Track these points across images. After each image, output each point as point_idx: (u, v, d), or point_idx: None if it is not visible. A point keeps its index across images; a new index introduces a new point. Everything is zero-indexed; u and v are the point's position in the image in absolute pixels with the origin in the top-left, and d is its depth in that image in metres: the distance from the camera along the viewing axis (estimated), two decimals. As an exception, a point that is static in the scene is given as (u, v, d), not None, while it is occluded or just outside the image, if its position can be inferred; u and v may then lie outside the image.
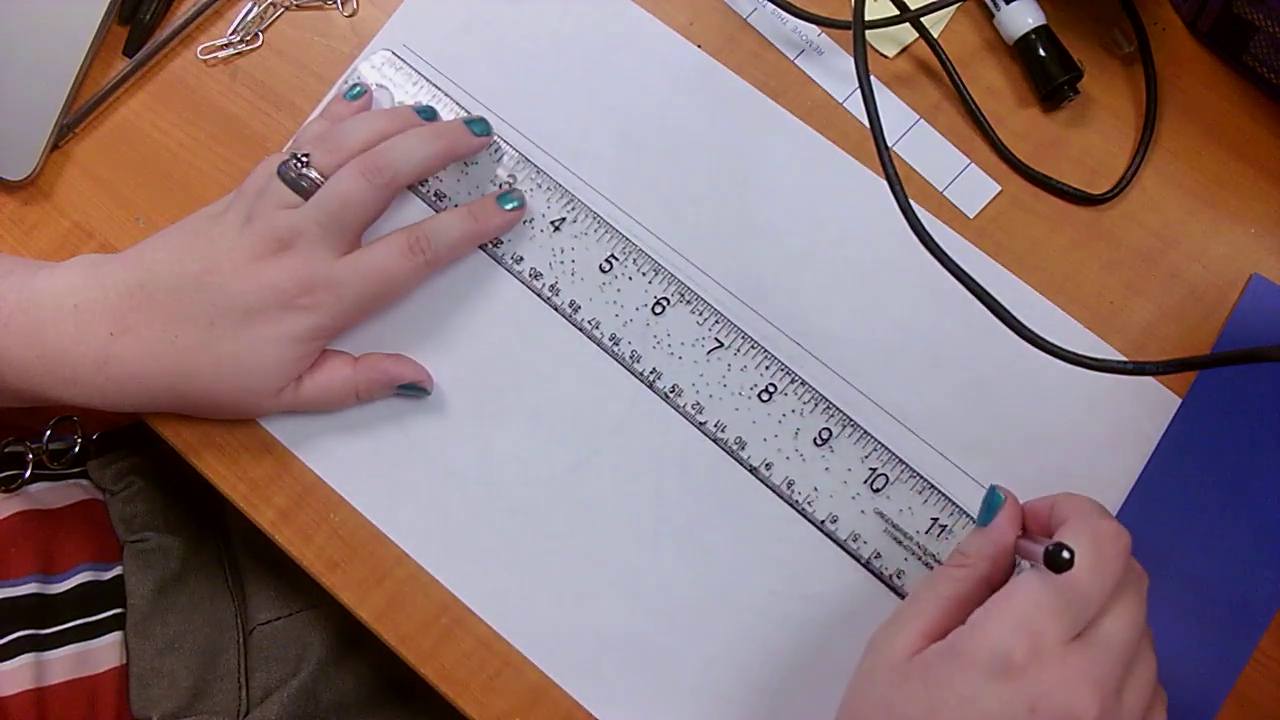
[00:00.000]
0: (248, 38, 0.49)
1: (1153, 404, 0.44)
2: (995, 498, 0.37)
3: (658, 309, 0.45)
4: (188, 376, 0.41)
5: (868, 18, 0.43)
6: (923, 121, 0.47)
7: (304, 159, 0.42)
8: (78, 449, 0.49)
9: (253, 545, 0.50)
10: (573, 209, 0.46)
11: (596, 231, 0.45)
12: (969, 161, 0.46)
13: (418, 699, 0.50)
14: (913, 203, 0.38)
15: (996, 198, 0.46)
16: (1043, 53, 0.46)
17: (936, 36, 0.47)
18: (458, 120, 0.45)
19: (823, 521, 0.43)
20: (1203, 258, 0.45)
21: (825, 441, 0.43)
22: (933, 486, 0.43)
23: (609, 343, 0.45)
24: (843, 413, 0.43)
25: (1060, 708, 0.32)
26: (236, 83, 0.49)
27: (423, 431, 0.44)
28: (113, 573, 0.46)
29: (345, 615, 0.43)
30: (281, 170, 0.41)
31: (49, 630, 0.43)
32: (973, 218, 0.46)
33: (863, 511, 0.43)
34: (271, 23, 0.49)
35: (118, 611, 0.45)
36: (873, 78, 0.41)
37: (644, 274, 0.45)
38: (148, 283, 0.40)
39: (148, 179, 0.48)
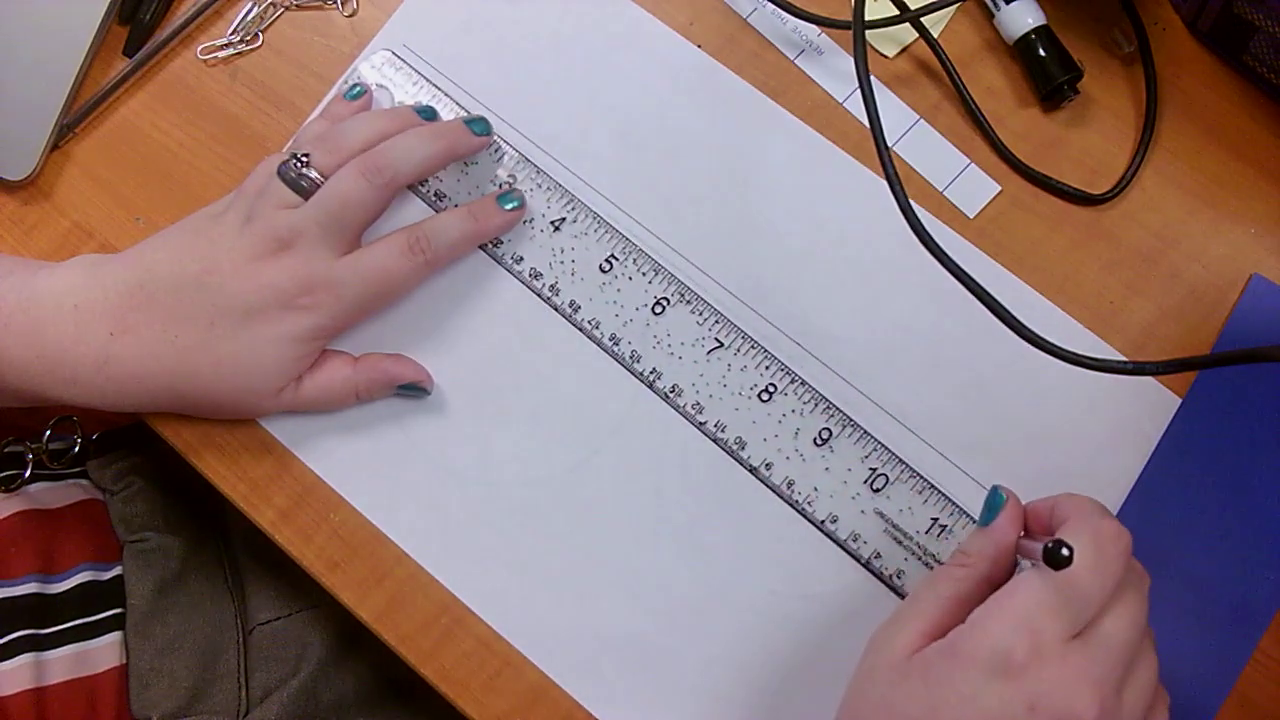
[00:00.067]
0: (248, 38, 0.49)
1: (1153, 404, 0.44)
2: (997, 498, 0.37)
3: (658, 309, 0.45)
4: (188, 376, 0.41)
5: (868, 18, 0.43)
6: (923, 121, 0.47)
7: (304, 159, 0.42)
8: (78, 449, 0.49)
9: (253, 545, 0.50)
10: (573, 209, 0.46)
11: (596, 231, 0.45)
12: (969, 161, 0.46)
13: (418, 699, 0.50)
14: (913, 203, 0.38)
15: (996, 198, 0.46)
16: (1043, 53, 0.46)
17: (936, 36, 0.47)
18: (458, 120, 0.45)
19: (823, 521, 0.43)
20: (1203, 258, 0.45)
21: (825, 441, 0.43)
22: (933, 486, 0.43)
23: (609, 343, 0.45)
24: (843, 413, 0.43)
25: (1060, 707, 0.32)
26: (236, 83, 0.49)
27: (423, 431, 0.44)
28: (112, 573, 0.46)
29: (345, 615, 0.43)
30: (281, 170, 0.41)
31: (49, 630, 0.43)
32: (973, 218, 0.46)
33: (863, 511, 0.43)
34: (271, 23, 0.49)
35: (117, 611, 0.45)
36: (873, 78, 0.41)
37: (644, 274, 0.45)
38: (148, 283, 0.40)
39: (148, 179, 0.48)
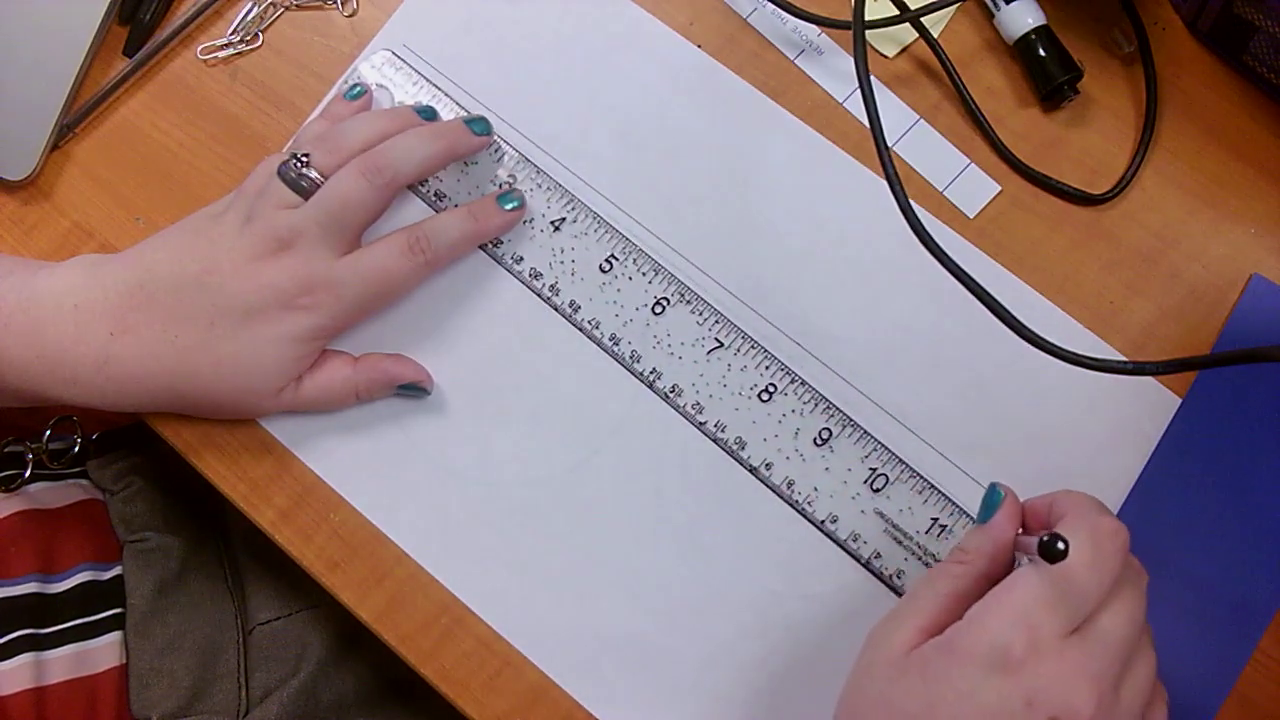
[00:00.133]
0: (248, 38, 0.49)
1: (1153, 404, 0.44)
2: (995, 495, 0.37)
3: (658, 309, 0.45)
4: (188, 376, 0.41)
5: (868, 18, 0.43)
6: (923, 121, 0.47)
7: (304, 159, 0.42)
8: (77, 449, 0.49)
9: (253, 545, 0.50)
10: (573, 209, 0.46)
11: (596, 231, 0.45)
12: (969, 161, 0.46)
13: (418, 699, 0.50)
14: (913, 203, 0.38)
15: (996, 198, 0.46)
16: (1043, 53, 0.46)
17: (936, 36, 0.47)
18: (458, 120, 0.45)
19: (823, 521, 0.43)
20: (1203, 258, 0.45)
21: (825, 441, 0.43)
22: (933, 486, 0.43)
23: (609, 343, 0.45)
24: (843, 413, 0.43)
25: (1057, 702, 0.31)
26: (236, 83, 0.49)
27: (423, 431, 0.44)
28: (112, 572, 0.46)
29: (345, 615, 0.43)
30: (281, 170, 0.41)
31: (48, 630, 0.43)
32: (973, 218, 0.46)
33: (863, 511, 0.43)
34: (271, 23, 0.49)
35: (117, 611, 0.45)
36: (873, 78, 0.41)
37: (644, 274, 0.45)
38: (148, 283, 0.40)
39: (148, 179, 0.48)
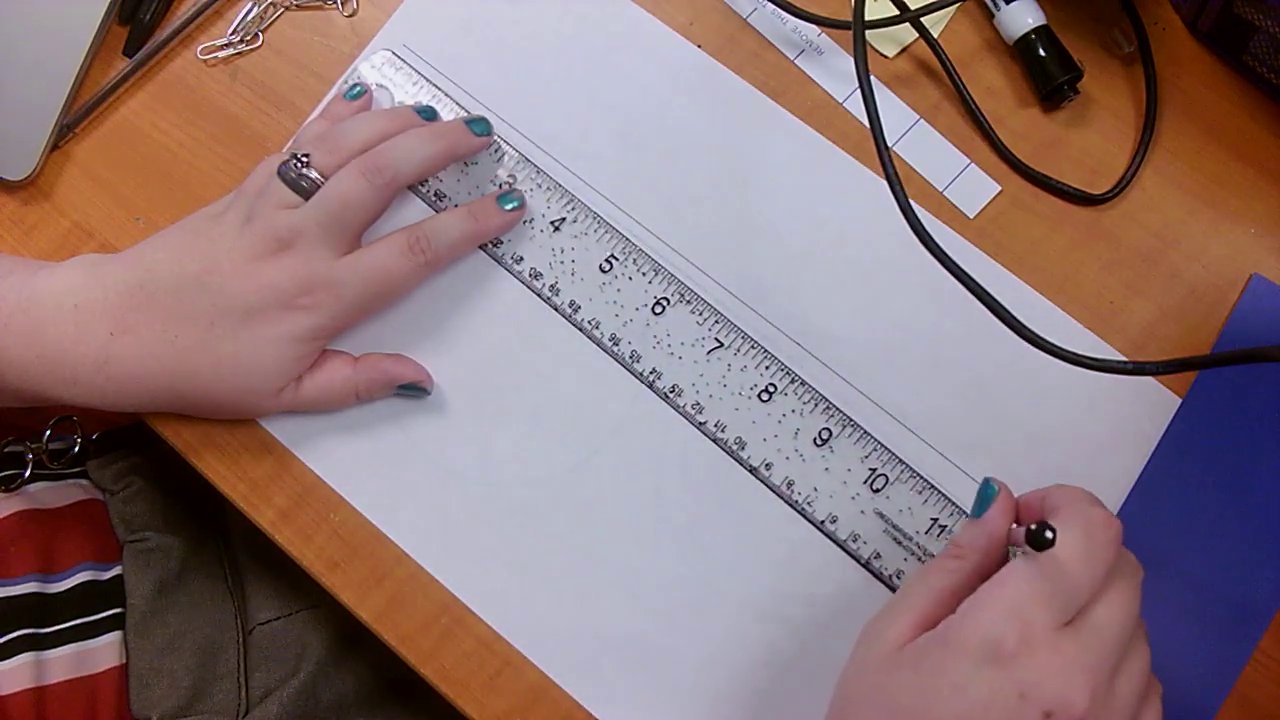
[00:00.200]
0: (248, 38, 0.49)
1: (1153, 404, 0.44)
2: (989, 489, 0.37)
3: (658, 309, 0.45)
4: (188, 376, 0.41)
5: (868, 18, 0.43)
6: (923, 121, 0.47)
7: (304, 159, 0.42)
8: (77, 449, 0.49)
9: (253, 545, 0.50)
10: (573, 209, 0.46)
11: (596, 231, 0.45)
12: (969, 161, 0.46)
13: (418, 699, 0.50)
14: (913, 203, 0.38)
15: (996, 198, 0.46)
16: (1043, 53, 0.46)
17: (936, 36, 0.47)
18: (458, 120, 0.45)
19: (822, 522, 0.43)
20: (1203, 258, 0.45)
21: (825, 442, 0.43)
22: (932, 487, 0.43)
23: (609, 343, 0.45)
24: (842, 413, 0.43)
25: (1051, 694, 0.31)
26: (236, 83, 0.49)
27: (423, 431, 0.44)
28: (112, 572, 0.46)
29: (345, 615, 0.43)
30: (281, 170, 0.41)
31: (48, 629, 0.43)
32: (973, 218, 0.46)
33: (862, 512, 0.43)
34: (271, 23, 0.49)
35: (117, 611, 0.45)
36: (873, 78, 0.41)
37: (644, 274, 0.45)
38: (148, 283, 0.40)
39: (148, 179, 0.48)
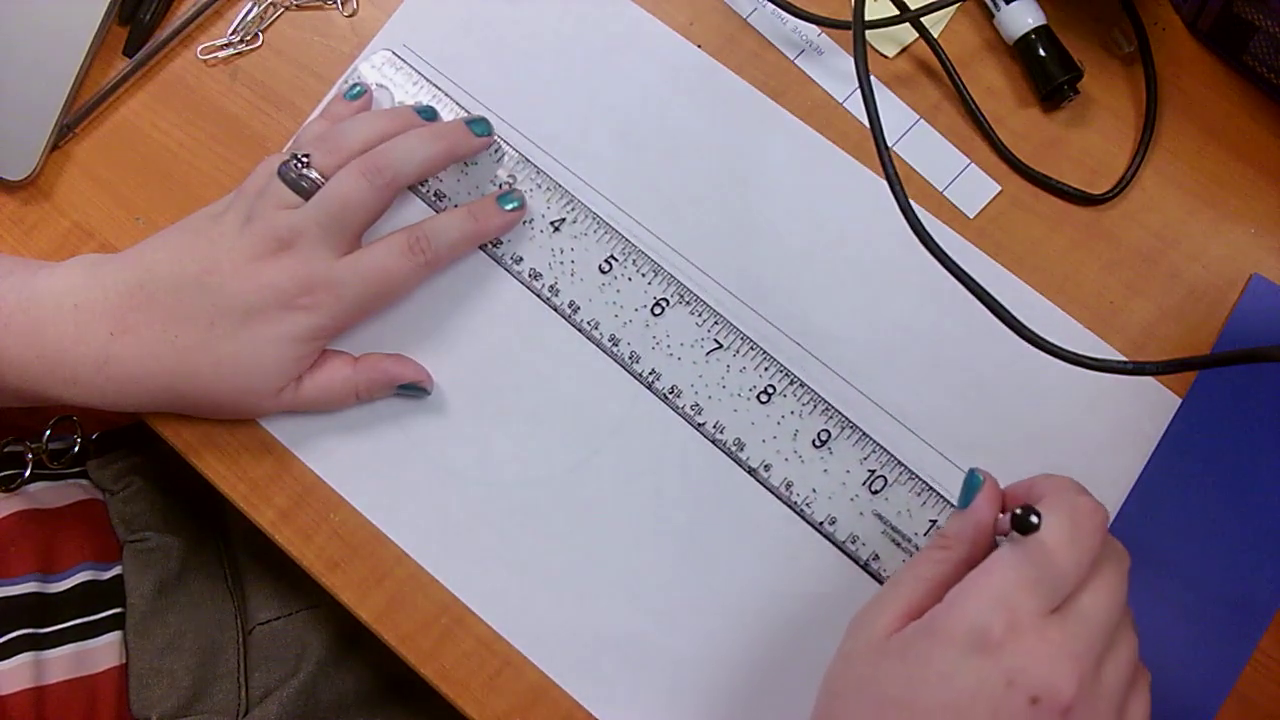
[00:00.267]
0: (248, 38, 0.49)
1: (1153, 404, 0.44)
2: (974, 479, 0.37)
3: (657, 310, 0.45)
4: (188, 376, 0.41)
5: (868, 18, 0.43)
6: (923, 121, 0.47)
7: (304, 159, 0.42)
8: (77, 449, 0.49)
9: (253, 545, 0.50)
10: (573, 209, 0.46)
11: (596, 232, 0.45)
12: (969, 161, 0.46)
13: (418, 699, 0.50)
14: (913, 203, 0.38)
15: (996, 198, 0.46)
16: (1043, 53, 0.46)
17: (936, 36, 0.47)
18: (459, 121, 0.45)
19: (821, 523, 0.43)
20: (1203, 258, 0.45)
21: (824, 443, 0.43)
22: (931, 489, 0.43)
23: (608, 343, 0.45)
24: (842, 414, 0.43)
25: (1038, 681, 0.31)
26: (236, 83, 0.49)
27: (423, 431, 0.44)
28: (112, 572, 0.46)
29: (345, 615, 0.43)
30: (282, 170, 0.41)
31: (48, 629, 0.43)
32: (973, 218, 0.46)
33: (861, 513, 0.43)
34: (271, 23, 0.49)
35: (117, 611, 0.45)
36: (873, 78, 0.41)
37: (643, 275, 0.45)
38: (148, 283, 0.40)
39: (148, 179, 0.48)
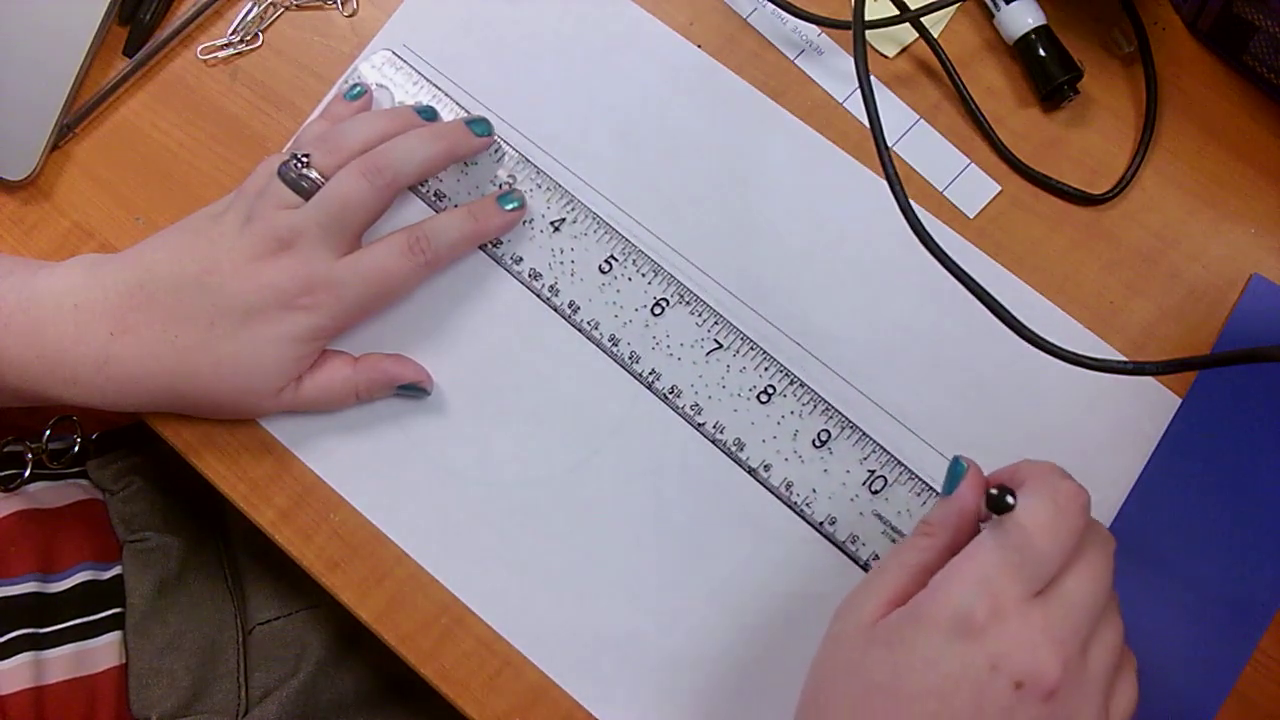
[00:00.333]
0: (248, 38, 0.49)
1: (1153, 404, 0.43)
2: (958, 467, 0.37)
3: (657, 310, 0.45)
4: (188, 376, 0.41)
5: (868, 18, 0.43)
6: (923, 121, 0.47)
7: (304, 159, 0.42)
8: (77, 449, 0.49)
9: (253, 545, 0.50)
10: (572, 209, 0.46)
11: (596, 232, 0.45)
12: (969, 161, 0.46)
13: (418, 699, 0.50)
14: (913, 203, 0.38)
15: (996, 198, 0.46)
16: (1043, 53, 0.46)
17: (936, 36, 0.47)
18: (459, 121, 0.45)
19: (821, 523, 0.43)
20: (1203, 258, 0.45)
21: (824, 443, 0.43)
22: (931, 488, 0.43)
23: (608, 343, 0.45)
24: (842, 414, 0.43)
25: (1022, 665, 0.31)
26: (236, 83, 0.49)
27: (423, 431, 0.44)
28: (112, 572, 0.46)
29: (345, 615, 0.43)
30: (282, 171, 0.41)
31: (48, 629, 0.43)
32: (973, 218, 0.46)
33: (861, 513, 0.43)
34: (271, 23, 0.49)
35: (117, 611, 0.45)
36: (873, 78, 0.41)
37: (643, 275, 0.45)
38: (148, 283, 0.40)
39: (148, 179, 0.48)
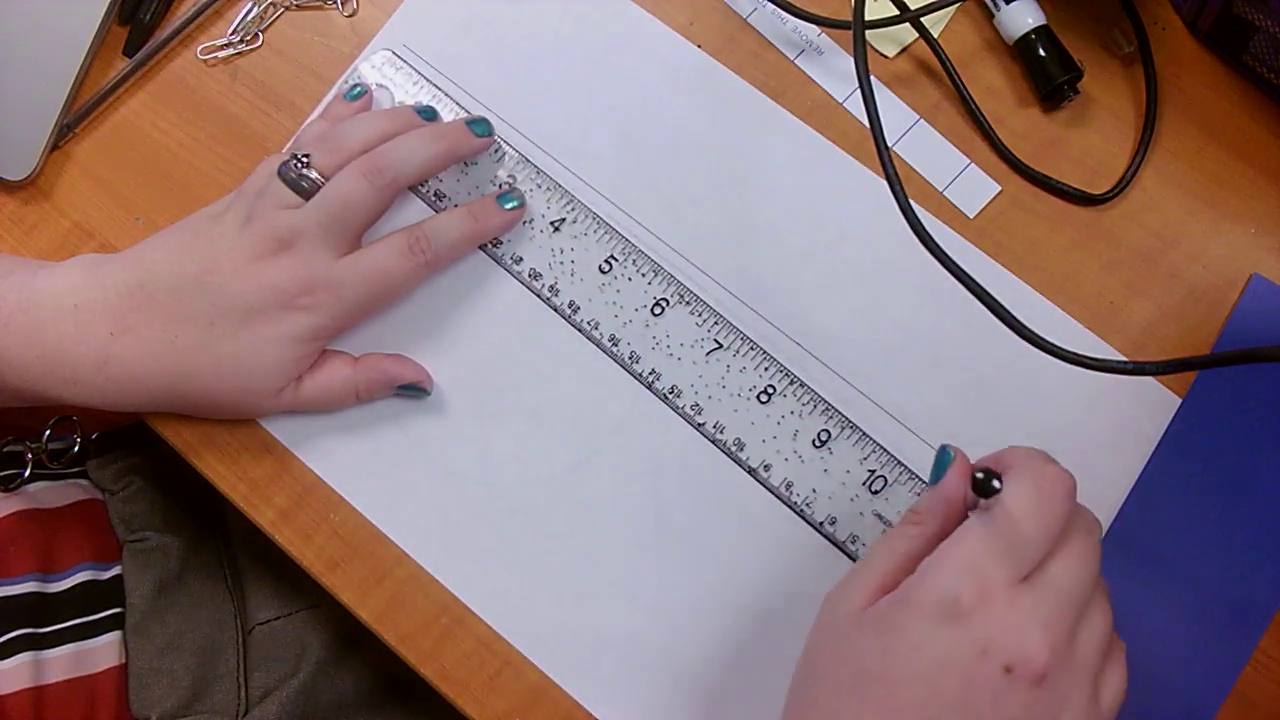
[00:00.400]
0: (248, 38, 0.49)
1: (1153, 404, 0.43)
2: (945, 456, 0.37)
3: (657, 310, 0.45)
4: (188, 376, 0.41)
5: (868, 18, 0.43)
6: (923, 121, 0.47)
7: (304, 159, 0.42)
8: (77, 449, 0.49)
9: (253, 545, 0.50)
10: (572, 209, 0.46)
11: (596, 232, 0.45)
12: (969, 161, 0.46)
13: (418, 699, 0.50)
14: (913, 203, 0.38)
15: (996, 198, 0.46)
16: (1043, 53, 0.46)
17: (936, 36, 0.47)
18: (459, 121, 0.45)
19: (821, 523, 0.43)
20: (1203, 258, 0.45)
21: (824, 443, 0.43)
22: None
23: (608, 343, 0.45)
24: (841, 414, 0.43)
25: (1010, 649, 0.31)
26: (236, 83, 0.49)
27: (423, 431, 0.44)
28: (112, 572, 0.46)
29: (345, 615, 0.43)
30: (282, 171, 0.41)
31: (48, 629, 0.43)
32: (973, 218, 0.46)
33: (861, 513, 0.43)
34: (271, 23, 0.49)
35: (117, 611, 0.45)
36: (873, 78, 0.41)
37: (643, 275, 0.45)
38: (148, 283, 0.40)
39: (148, 179, 0.48)
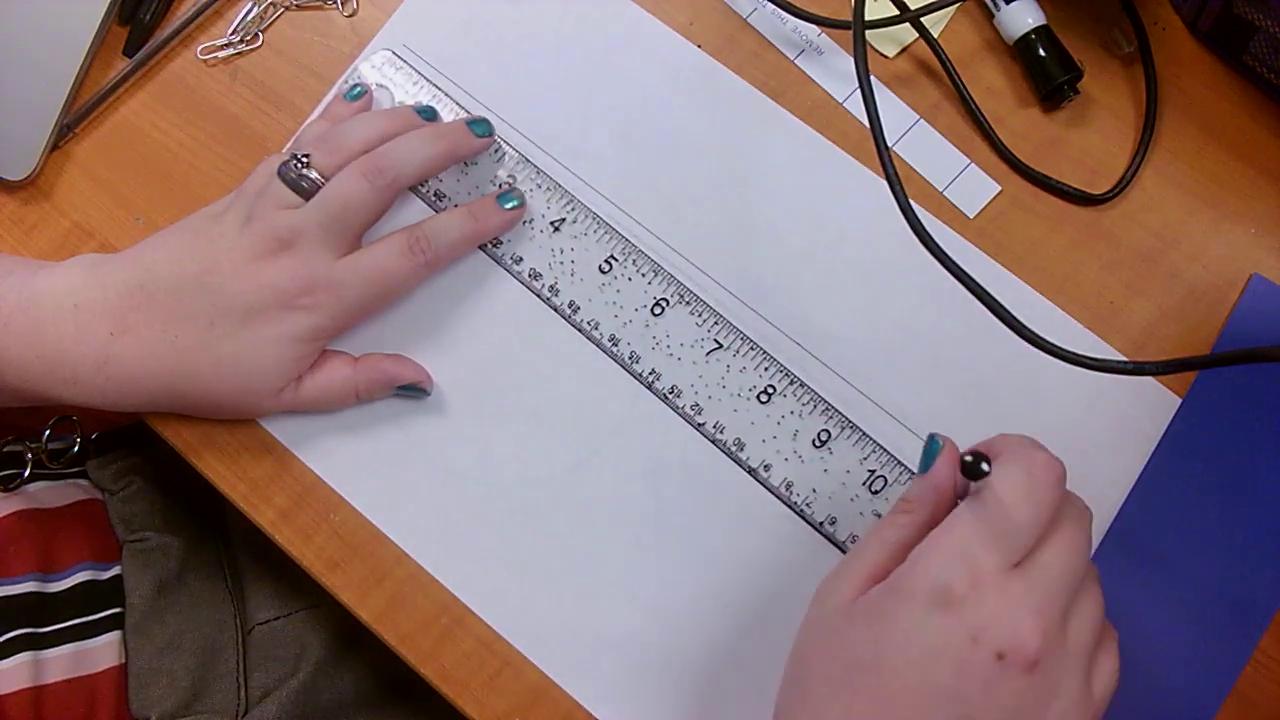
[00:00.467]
0: (248, 38, 0.49)
1: (1153, 404, 0.44)
2: (934, 445, 0.37)
3: (657, 310, 0.45)
4: (188, 376, 0.41)
5: (868, 18, 0.43)
6: (923, 121, 0.47)
7: (304, 160, 0.42)
8: (77, 448, 0.49)
9: (253, 545, 0.50)
10: (572, 209, 0.46)
11: (596, 232, 0.45)
12: (969, 161, 0.46)
13: (417, 699, 0.50)
14: (913, 203, 0.38)
15: (996, 198, 0.46)
16: (1043, 53, 0.46)
17: (936, 36, 0.47)
18: (459, 121, 0.45)
19: (821, 523, 0.43)
20: (1203, 258, 0.45)
21: (824, 443, 0.43)
22: (932, 487, 0.43)
23: (608, 343, 0.45)
24: (841, 414, 0.43)
25: (1002, 635, 0.31)
26: (236, 83, 0.49)
27: (423, 431, 0.44)
28: (112, 572, 0.46)
29: (345, 615, 0.43)
30: (282, 171, 0.41)
31: (47, 629, 0.43)
32: (973, 218, 0.46)
33: (861, 513, 0.43)
34: (271, 23, 0.49)
35: (116, 611, 0.45)
36: (873, 78, 0.41)
37: (643, 275, 0.45)
38: (148, 283, 0.40)
39: (148, 179, 0.48)
